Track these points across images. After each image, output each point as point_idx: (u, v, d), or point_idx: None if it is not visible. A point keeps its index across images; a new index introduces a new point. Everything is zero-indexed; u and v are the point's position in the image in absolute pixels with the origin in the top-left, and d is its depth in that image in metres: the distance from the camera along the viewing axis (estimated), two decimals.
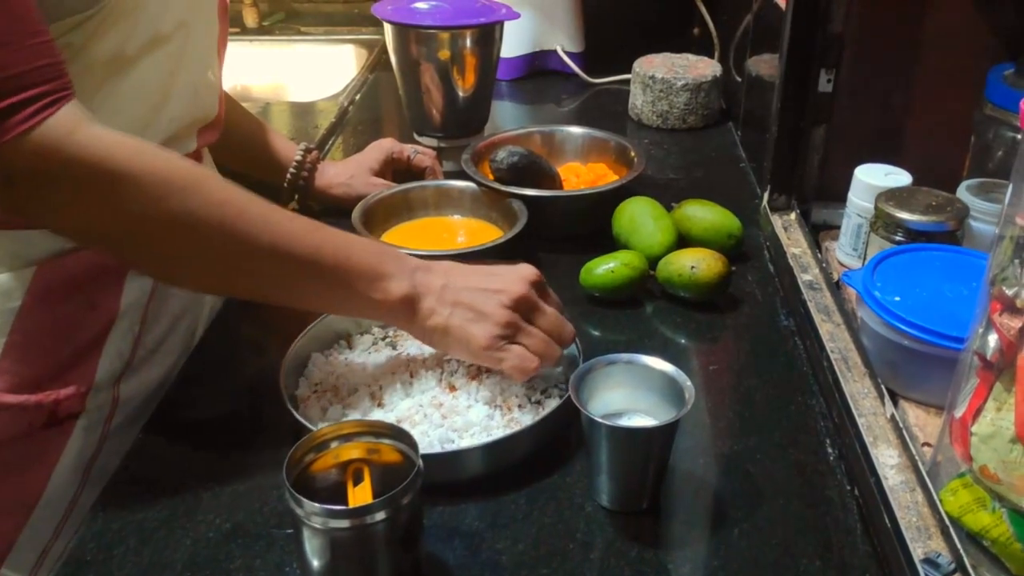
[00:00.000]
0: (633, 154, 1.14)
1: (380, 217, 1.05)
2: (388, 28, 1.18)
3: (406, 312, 0.74)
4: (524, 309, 0.74)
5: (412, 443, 0.62)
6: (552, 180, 1.10)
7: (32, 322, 0.77)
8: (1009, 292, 0.57)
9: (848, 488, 0.72)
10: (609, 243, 1.02)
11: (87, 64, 0.72)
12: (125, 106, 0.77)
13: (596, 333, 0.92)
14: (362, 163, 1.13)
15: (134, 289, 0.83)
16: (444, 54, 1.17)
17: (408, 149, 1.16)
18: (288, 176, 1.10)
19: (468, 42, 1.17)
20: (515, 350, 0.73)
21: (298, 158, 1.10)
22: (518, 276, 0.76)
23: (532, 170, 1.07)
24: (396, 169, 1.16)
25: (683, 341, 0.93)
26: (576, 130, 1.22)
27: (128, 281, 0.83)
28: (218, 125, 0.93)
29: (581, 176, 1.16)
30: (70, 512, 0.83)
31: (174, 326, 0.90)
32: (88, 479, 0.83)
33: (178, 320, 0.91)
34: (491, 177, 1.08)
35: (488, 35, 1.19)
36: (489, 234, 1.03)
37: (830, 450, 0.76)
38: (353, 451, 0.63)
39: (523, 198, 1.03)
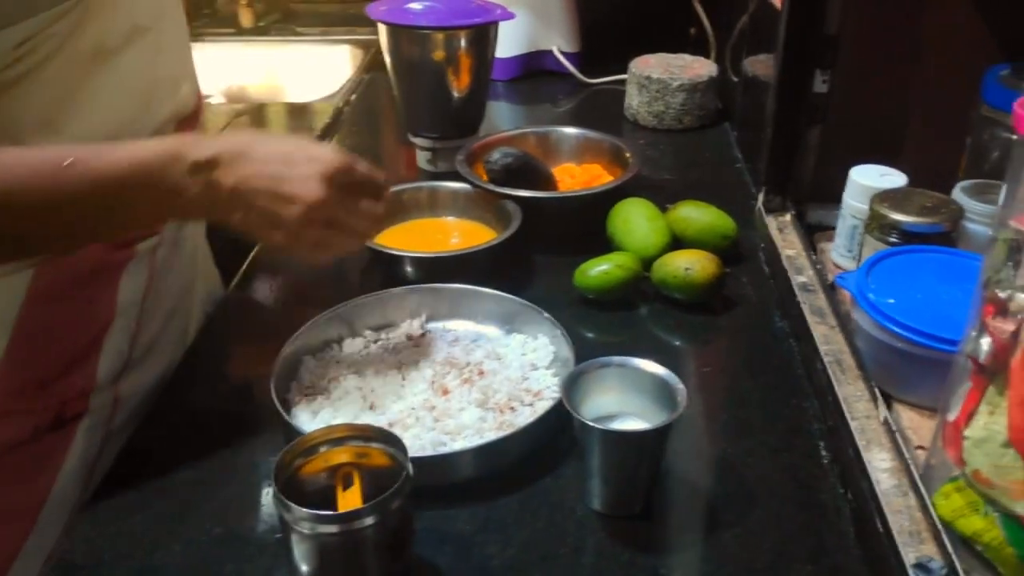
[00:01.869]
0: (628, 155, 1.13)
1: None
2: (382, 29, 1.17)
3: (203, 208, 0.71)
4: (321, 216, 0.69)
5: (401, 447, 0.62)
6: (547, 181, 1.09)
7: (32, 325, 0.76)
8: (1002, 295, 0.57)
9: (841, 492, 0.71)
10: (603, 244, 1.02)
11: (72, 57, 0.72)
12: (113, 101, 0.77)
13: (590, 335, 0.92)
14: None
15: (129, 285, 0.83)
16: (439, 55, 1.17)
17: None
18: None
19: (463, 43, 1.17)
20: (314, 241, 0.71)
21: None
22: (316, 174, 0.69)
23: (526, 171, 1.06)
24: None
25: (677, 343, 0.92)
26: (570, 131, 1.22)
27: (124, 277, 0.82)
28: (195, 119, 0.92)
29: (576, 177, 1.15)
30: (72, 517, 0.82)
31: (168, 322, 0.90)
32: (92, 481, 0.83)
33: (171, 316, 0.91)
34: (485, 178, 1.07)
35: (483, 36, 1.19)
36: (483, 236, 1.02)
37: (824, 453, 0.75)
38: (342, 455, 0.63)
39: (517, 199, 1.03)
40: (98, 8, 0.72)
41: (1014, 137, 0.77)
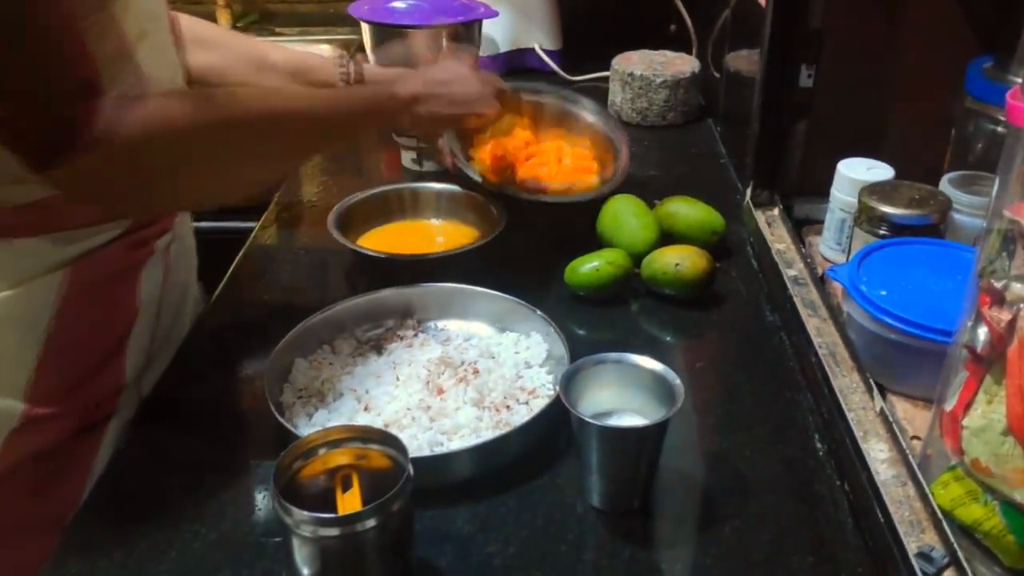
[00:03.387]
0: (618, 146, 1.10)
1: (357, 221, 1.04)
2: (365, 28, 1.17)
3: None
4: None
5: (401, 448, 0.61)
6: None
7: (65, 329, 0.75)
8: (998, 285, 0.57)
9: (838, 483, 0.72)
10: (593, 242, 1.02)
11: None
12: None
13: (582, 332, 0.92)
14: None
15: (149, 281, 0.83)
16: (423, 53, 1.16)
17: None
18: None
19: (446, 41, 1.16)
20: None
21: (342, 71, 1.08)
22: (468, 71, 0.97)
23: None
24: None
25: (669, 338, 0.92)
26: (566, 106, 1.18)
27: (144, 273, 0.82)
28: None
29: (562, 162, 1.12)
30: None
31: (178, 316, 0.90)
32: None
33: (180, 310, 0.91)
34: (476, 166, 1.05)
35: (467, 33, 1.18)
36: (467, 237, 1.02)
37: (819, 445, 0.76)
38: (341, 457, 0.62)
39: (505, 200, 1.02)
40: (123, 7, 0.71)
41: (999, 129, 0.78)
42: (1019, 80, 0.65)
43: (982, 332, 0.58)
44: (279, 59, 1.06)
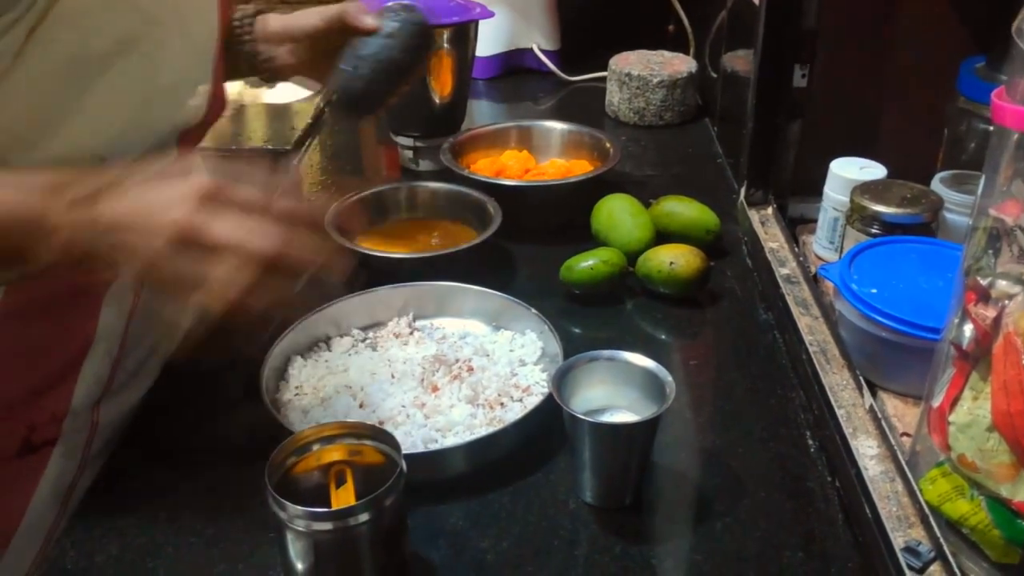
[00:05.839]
0: (608, 145, 1.13)
1: (355, 220, 1.04)
2: None
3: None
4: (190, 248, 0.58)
5: (394, 444, 0.62)
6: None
7: (1, 346, 0.73)
8: (983, 282, 0.58)
9: (829, 479, 0.72)
10: (588, 240, 1.02)
11: (42, 68, 0.67)
12: (101, 113, 0.72)
13: (577, 330, 0.92)
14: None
15: (111, 312, 0.80)
16: None
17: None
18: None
19: (443, 41, 1.17)
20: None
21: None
22: (178, 199, 0.59)
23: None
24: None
25: (663, 336, 0.93)
26: (556, 125, 1.21)
27: (105, 304, 0.79)
28: (202, 129, 0.89)
29: (559, 169, 1.15)
30: (50, 541, 0.80)
31: (155, 349, 0.88)
32: (68, 506, 0.81)
33: (159, 343, 0.88)
34: (471, 169, 1.06)
35: (463, 34, 1.19)
36: (463, 234, 1.03)
37: (811, 442, 0.76)
38: (335, 453, 0.63)
39: (499, 188, 1.02)
40: (67, 20, 0.67)
41: (991, 128, 0.79)
42: None
43: (968, 329, 0.59)
44: None
